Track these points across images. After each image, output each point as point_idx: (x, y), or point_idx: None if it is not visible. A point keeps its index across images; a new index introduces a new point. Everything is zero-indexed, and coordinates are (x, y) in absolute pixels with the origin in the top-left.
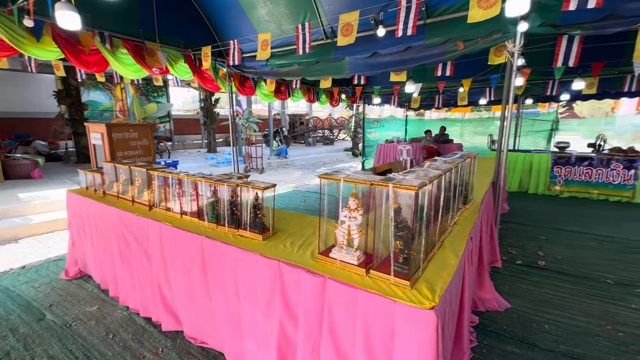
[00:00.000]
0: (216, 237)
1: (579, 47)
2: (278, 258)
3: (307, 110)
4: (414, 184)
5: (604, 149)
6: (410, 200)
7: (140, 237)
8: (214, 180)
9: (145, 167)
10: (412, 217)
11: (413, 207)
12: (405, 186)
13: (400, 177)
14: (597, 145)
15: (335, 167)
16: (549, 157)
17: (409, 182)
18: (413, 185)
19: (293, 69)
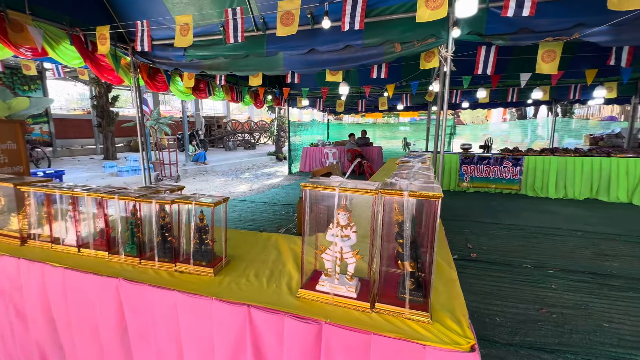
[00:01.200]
0: (141, 278)
1: (495, 57)
2: (245, 301)
3: (225, 113)
4: (434, 191)
5: (491, 150)
6: (431, 209)
7: (7, 288)
8: (133, 196)
9: (13, 180)
10: (429, 230)
11: (432, 216)
12: (427, 194)
13: (405, 182)
14: (487, 147)
15: (261, 171)
16: (457, 157)
17: (425, 187)
18: (436, 193)
19: (218, 62)
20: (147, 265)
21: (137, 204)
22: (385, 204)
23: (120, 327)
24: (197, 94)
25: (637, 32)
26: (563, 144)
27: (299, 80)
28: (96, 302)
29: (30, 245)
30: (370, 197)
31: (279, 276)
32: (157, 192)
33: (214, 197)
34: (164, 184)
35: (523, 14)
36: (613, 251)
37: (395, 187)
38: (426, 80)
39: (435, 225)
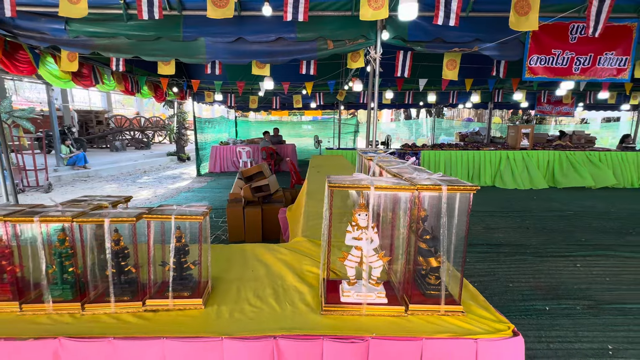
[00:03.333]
0: (94, 330)
1: (410, 62)
2: (267, 333)
3: (104, 106)
4: (465, 185)
5: (390, 146)
6: (462, 202)
7: None
8: (67, 216)
9: None
10: (459, 223)
11: (464, 208)
12: (464, 187)
13: (425, 175)
14: (387, 143)
15: (163, 174)
16: None
17: (454, 181)
18: (473, 186)
19: (118, 42)
20: (94, 310)
21: (71, 226)
22: (409, 200)
23: None
24: (79, 81)
25: (515, 50)
26: (439, 140)
27: (220, 71)
28: None
29: None
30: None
31: (285, 294)
32: (98, 208)
33: (195, 207)
34: (124, 198)
35: (450, 23)
36: (496, 225)
37: (423, 182)
38: (340, 80)
39: (468, 217)
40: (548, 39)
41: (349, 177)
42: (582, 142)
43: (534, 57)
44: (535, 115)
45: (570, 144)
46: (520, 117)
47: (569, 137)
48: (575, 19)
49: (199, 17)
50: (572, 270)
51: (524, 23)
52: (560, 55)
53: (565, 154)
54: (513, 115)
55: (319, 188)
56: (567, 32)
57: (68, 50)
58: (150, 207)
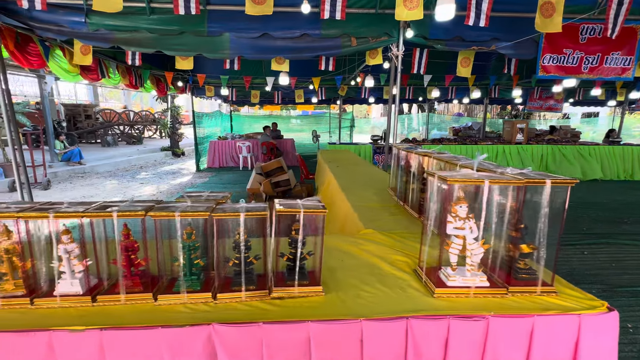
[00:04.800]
0: (235, 316)
1: (426, 59)
2: (402, 314)
3: (91, 100)
4: (564, 179)
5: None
6: (558, 194)
7: None
8: (201, 210)
9: None
10: (554, 212)
11: (567, 202)
12: (564, 180)
13: (509, 169)
14: (383, 138)
15: (161, 170)
16: (370, 148)
17: (547, 175)
18: (572, 179)
19: (140, 37)
20: (226, 299)
21: (208, 221)
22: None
23: None
24: (87, 74)
25: (529, 49)
26: (431, 135)
27: (239, 66)
28: None
29: None
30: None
31: (388, 280)
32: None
33: (313, 201)
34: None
35: (480, 24)
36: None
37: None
38: (346, 76)
39: (565, 207)
40: (560, 39)
41: (459, 171)
42: (568, 136)
43: (547, 56)
44: (523, 111)
45: (561, 139)
46: (509, 112)
47: (562, 131)
48: (587, 20)
49: (224, 12)
50: (580, 257)
51: (548, 25)
52: (571, 54)
53: (558, 147)
54: (502, 111)
55: (352, 183)
56: (578, 33)
57: (86, 44)
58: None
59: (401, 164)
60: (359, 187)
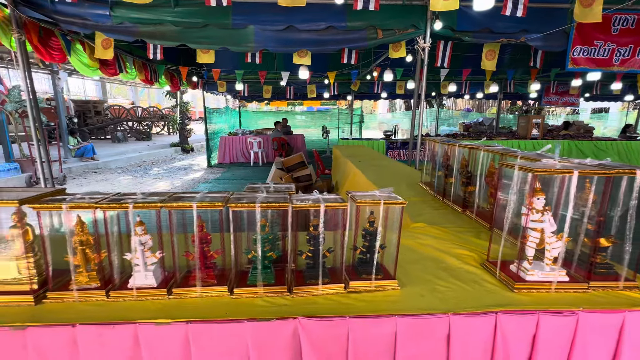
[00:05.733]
0: (319, 311)
1: (450, 53)
2: (491, 309)
3: (99, 96)
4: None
5: (396, 135)
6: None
7: None
8: (282, 202)
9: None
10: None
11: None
12: None
13: (593, 162)
14: (394, 133)
15: (172, 165)
16: (384, 143)
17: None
18: None
19: (164, 29)
20: (303, 292)
21: (284, 213)
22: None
23: None
24: (106, 69)
25: (559, 41)
26: (440, 130)
27: (260, 60)
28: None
29: (59, 300)
30: None
31: (459, 275)
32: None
33: (388, 193)
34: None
35: (517, 14)
36: None
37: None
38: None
39: None
40: (591, 30)
41: (541, 163)
42: (581, 131)
43: (577, 48)
44: (534, 106)
45: (575, 134)
46: (519, 108)
47: (575, 127)
48: (619, 11)
49: (249, 4)
50: None
51: (588, 14)
52: (602, 46)
53: (575, 143)
54: (512, 106)
55: (381, 178)
56: (610, 24)
57: (110, 37)
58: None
59: (437, 158)
60: (390, 181)
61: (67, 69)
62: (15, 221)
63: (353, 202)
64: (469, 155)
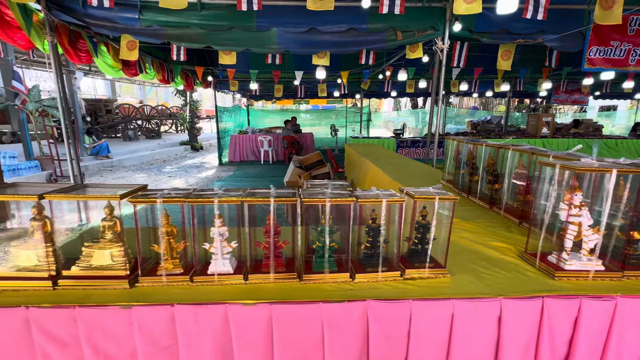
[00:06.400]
0: (382, 295)
1: (466, 53)
2: (538, 294)
3: (109, 95)
4: None
5: (404, 134)
6: None
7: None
8: (347, 197)
9: (122, 192)
10: None
11: None
12: None
13: (626, 161)
14: (402, 131)
15: (184, 164)
16: (394, 142)
17: None
18: None
19: (190, 32)
20: (363, 279)
21: (352, 206)
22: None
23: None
24: (127, 70)
25: (575, 42)
26: (447, 129)
27: (280, 61)
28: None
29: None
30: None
31: (499, 264)
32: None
33: (438, 188)
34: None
35: (538, 17)
36: None
37: None
38: (377, 70)
39: None
40: (608, 31)
41: (580, 162)
42: (590, 129)
43: (594, 49)
44: (541, 104)
45: (585, 132)
46: (527, 106)
47: (584, 125)
48: (637, 12)
49: (272, 7)
50: None
51: (608, 17)
52: (618, 46)
53: (585, 141)
54: (519, 104)
55: (401, 176)
56: (627, 25)
57: (138, 39)
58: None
59: (461, 156)
60: (412, 179)
61: (82, 69)
62: (107, 214)
63: (410, 198)
64: (496, 154)
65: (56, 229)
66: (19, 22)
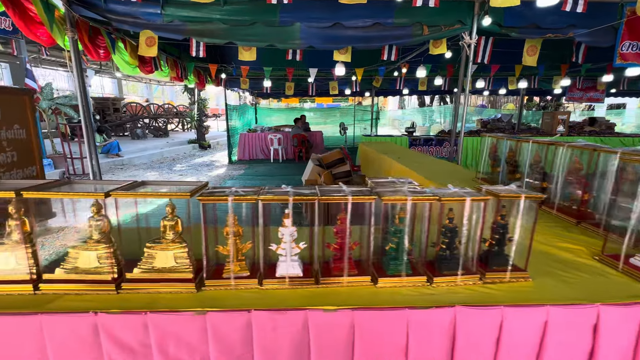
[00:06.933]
0: (468, 300)
1: (491, 48)
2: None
3: (116, 93)
4: None
5: (415, 131)
6: None
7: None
8: (402, 195)
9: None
10: None
11: None
12: None
13: None
14: (414, 129)
15: (194, 162)
16: (407, 140)
17: None
18: None
19: (212, 27)
20: (441, 282)
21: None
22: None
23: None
24: (143, 67)
25: (607, 37)
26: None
27: (301, 57)
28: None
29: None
30: None
31: (576, 266)
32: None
33: (513, 186)
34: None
35: (577, 9)
36: None
37: None
38: (392, 67)
39: None
40: None
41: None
42: (603, 127)
43: (626, 44)
44: (551, 102)
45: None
46: (536, 104)
47: (599, 123)
48: None
49: (296, 1)
50: None
51: None
52: None
53: (600, 139)
54: (528, 102)
55: (431, 174)
56: None
57: (160, 35)
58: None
59: (499, 154)
60: (442, 178)
61: (92, 67)
62: (168, 213)
63: (493, 196)
64: (545, 151)
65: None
66: (42, 18)
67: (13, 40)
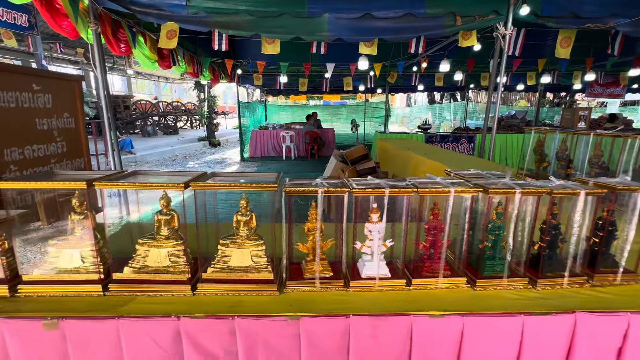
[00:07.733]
0: (565, 303)
1: (523, 40)
2: None
3: (125, 91)
4: None
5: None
6: None
7: None
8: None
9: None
10: None
11: None
12: None
13: None
14: (429, 126)
15: (206, 159)
16: (423, 137)
17: None
18: None
19: (238, 19)
20: (546, 284)
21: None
22: None
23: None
24: (161, 62)
25: None
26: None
27: (325, 50)
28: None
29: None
30: None
31: None
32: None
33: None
34: None
35: None
36: None
37: None
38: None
39: None
40: None
41: None
42: (620, 124)
43: None
44: (566, 98)
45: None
46: (549, 101)
47: (620, 119)
48: None
49: None
50: None
51: None
52: None
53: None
54: (542, 99)
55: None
56: None
57: (185, 27)
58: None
59: (545, 148)
60: None
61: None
62: (242, 207)
63: (606, 189)
64: (611, 144)
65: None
66: (67, 10)
67: (29, 37)
